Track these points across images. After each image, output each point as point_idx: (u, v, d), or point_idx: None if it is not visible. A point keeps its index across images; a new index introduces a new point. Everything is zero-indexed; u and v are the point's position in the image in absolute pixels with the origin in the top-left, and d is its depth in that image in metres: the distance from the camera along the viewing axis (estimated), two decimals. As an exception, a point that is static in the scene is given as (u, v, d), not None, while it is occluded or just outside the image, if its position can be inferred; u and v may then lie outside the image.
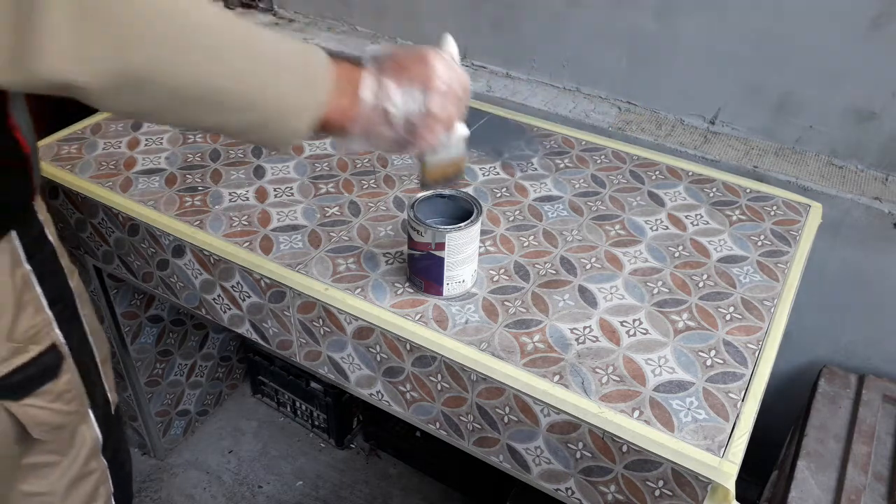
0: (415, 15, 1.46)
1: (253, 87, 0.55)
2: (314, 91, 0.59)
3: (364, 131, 0.63)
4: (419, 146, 0.66)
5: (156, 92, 0.51)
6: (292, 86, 0.57)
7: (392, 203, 1.03)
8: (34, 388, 0.78)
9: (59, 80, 0.48)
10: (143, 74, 0.50)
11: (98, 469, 0.91)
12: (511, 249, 0.95)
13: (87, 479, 0.90)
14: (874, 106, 1.08)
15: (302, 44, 0.59)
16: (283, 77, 0.57)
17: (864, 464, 0.99)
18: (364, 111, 0.61)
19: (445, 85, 0.64)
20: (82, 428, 0.87)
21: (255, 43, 0.56)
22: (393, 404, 0.91)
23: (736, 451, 0.70)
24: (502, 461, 0.84)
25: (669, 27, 1.18)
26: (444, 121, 0.66)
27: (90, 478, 0.90)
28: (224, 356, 1.62)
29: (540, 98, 1.33)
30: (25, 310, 0.76)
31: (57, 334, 0.80)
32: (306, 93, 0.58)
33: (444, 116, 0.65)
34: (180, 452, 1.58)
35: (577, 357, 0.79)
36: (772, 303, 0.88)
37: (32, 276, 0.76)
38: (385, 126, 0.63)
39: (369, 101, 0.61)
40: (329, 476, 1.53)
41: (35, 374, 0.78)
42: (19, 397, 0.77)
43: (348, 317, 0.86)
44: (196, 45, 0.52)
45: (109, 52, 0.48)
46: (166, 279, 1.05)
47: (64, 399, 0.82)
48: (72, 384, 0.82)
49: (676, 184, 1.09)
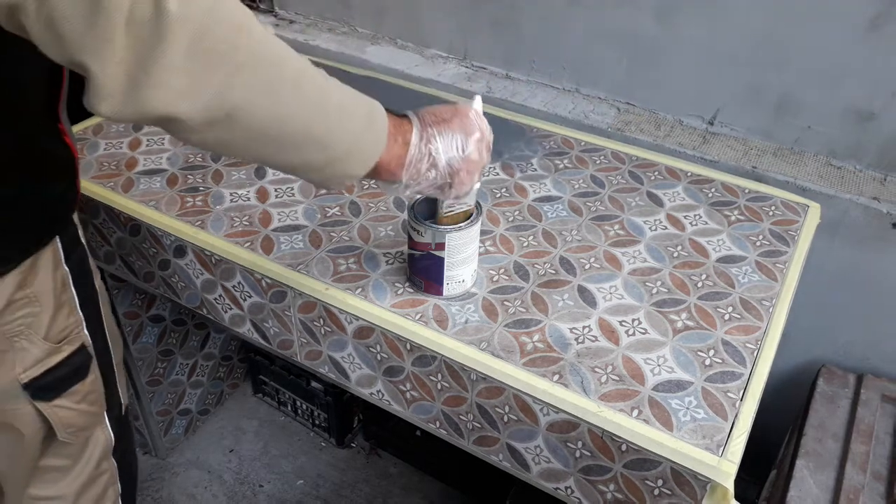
0: (415, 16, 1.46)
1: (326, 130, 0.61)
2: (375, 137, 0.65)
3: (411, 175, 0.69)
4: (457, 188, 0.73)
5: (244, 129, 0.56)
6: (358, 132, 0.63)
7: (392, 203, 1.03)
8: (65, 388, 0.79)
9: (165, 114, 0.51)
10: (239, 113, 0.54)
11: (108, 470, 0.92)
12: (511, 249, 0.95)
13: (98, 480, 0.90)
14: (873, 106, 1.08)
15: (365, 96, 0.65)
16: (352, 124, 0.63)
17: (862, 463, 1.00)
18: (412, 156, 0.68)
19: (480, 133, 0.72)
20: (97, 431, 0.88)
21: (331, 91, 0.62)
22: (393, 403, 0.91)
23: (734, 451, 0.70)
24: (502, 460, 0.84)
25: (669, 28, 1.18)
26: (479, 164, 0.73)
27: (101, 479, 0.91)
28: (225, 356, 1.62)
29: (539, 99, 1.33)
30: (62, 310, 0.77)
31: (85, 335, 0.81)
32: (369, 138, 0.64)
33: (480, 161, 0.73)
34: (181, 452, 1.58)
35: (576, 357, 0.80)
36: (770, 303, 0.88)
37: (69, 277, 0.78)
38: (430, 169, 0.70)
39: (417, 146, 0.68)
40: (330, 475, 1.54)
41: (66, 374, 0.79)
42: (51, 398, 0.78)
43: (349, 316, 0.87)
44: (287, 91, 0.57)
45: (215, 90, 0.52)
46: (168, 279, 1.05)
47: (88, 400, 0.83)
48: (96, 385, 0.84)
49: (675, 184, 1.10)
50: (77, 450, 0.86)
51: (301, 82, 0.58)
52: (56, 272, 0.76)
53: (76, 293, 0.79)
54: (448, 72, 1.42)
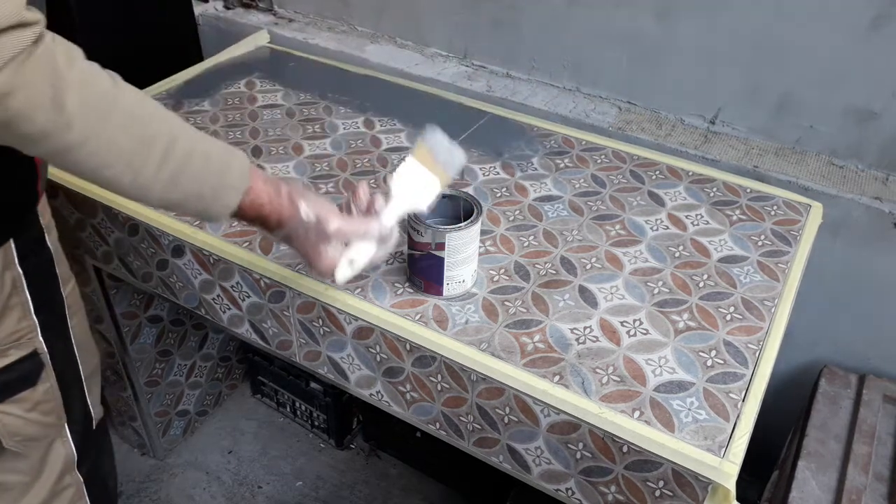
0: (414, 14, 1.45)
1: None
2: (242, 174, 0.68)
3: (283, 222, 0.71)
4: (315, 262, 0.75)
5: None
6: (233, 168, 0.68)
7: (392, 203, 1.03)
8: (10, 394, 0.76)
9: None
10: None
11: (73, 485, 0.89)
12: (511, 249, 0.95)
13: (62, 496, 0.87)
14: (874, 106, 1.08)
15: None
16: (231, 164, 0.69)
17: (864, 464, 0.99)
18: (285, 201, 0.71)
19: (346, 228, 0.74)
20: (56, 444, 0.85)
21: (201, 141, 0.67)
22: (393, 404, 0.90)
23: (736, 452, 0.70)
24: (502, 461, 0.84)
25: (669, 27, 1.18)
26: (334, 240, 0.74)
27: (64, 494, 0.88)
28: (223, 356, 1.62)
29: (540, 98, 1.33)
30: (11, 313, 0.75)
31: (40, 342, 0.78)
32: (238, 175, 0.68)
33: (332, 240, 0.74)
34: (180, 453, 1.57)
35: (577, 357, 0.79)
36: (772, 303, 0.87)
37: (23, 280, 0.75)
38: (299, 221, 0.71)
39: (287, 195, 0.71)
40: (329, 476, 1.53)
41: (12, 380, 0.76)
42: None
43: (348, 317, 0.86)
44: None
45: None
46: (166, 279, 1.05)
47: (41, 410, 0.80)
48: (50, 395, 0.81)
49: (677, 184, 1.09)
50: (35, 465, 0.83)
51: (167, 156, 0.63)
52: (5, 273, 0.73)
53: (31, 297, 0.76)
54: (448, 71, 1.42)
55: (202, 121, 1.22)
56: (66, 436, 0.86)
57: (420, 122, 1.22)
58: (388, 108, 1.27)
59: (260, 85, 1.35)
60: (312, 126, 1.22)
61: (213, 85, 1.33)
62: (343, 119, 1.24)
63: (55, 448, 0.85)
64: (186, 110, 1.26)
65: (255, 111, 1.26)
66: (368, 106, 1.28)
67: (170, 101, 1.28)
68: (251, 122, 1.23)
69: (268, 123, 1.22)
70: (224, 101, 1.29)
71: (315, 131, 1.21)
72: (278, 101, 1.30)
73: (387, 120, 1.24)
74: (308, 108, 1.28)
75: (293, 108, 1.28)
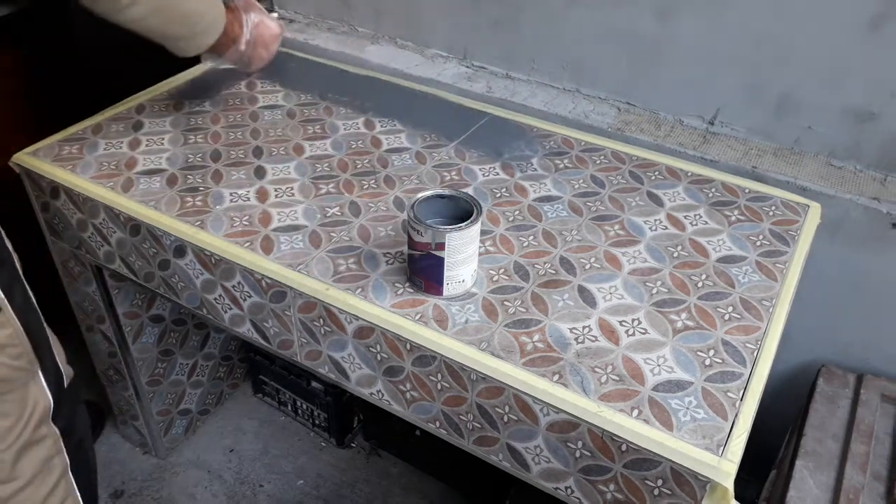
0: (415, 15, 1.46)
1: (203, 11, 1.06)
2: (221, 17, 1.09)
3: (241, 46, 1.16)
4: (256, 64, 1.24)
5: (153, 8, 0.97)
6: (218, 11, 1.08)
7: (392, 203, 1.03)
8: None
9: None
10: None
11: (49, 436, 0.92)
12: (511, 249, 0.95)
13: (38, 446, 0.91)
14: (873, 106, 1.08)
15: None
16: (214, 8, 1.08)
17: (862, 463, 1.00)
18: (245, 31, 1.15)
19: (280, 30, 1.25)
20: (33, 389, 0.89)
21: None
22: (393, 403, 0.91)
23: (735, 451, 0.70)
24: (502, 460, 0.84)
25: (669, 27, 1.18)
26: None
27: (41, 445, 0.91)
28: (225, 356, 1.62)
29: (540, 99, 1.33)
30: None
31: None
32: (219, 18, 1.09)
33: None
34: (181, 451, 1.58)
35: (576, 356, 0.80)
36: (770, 303, 0.88)
37: None
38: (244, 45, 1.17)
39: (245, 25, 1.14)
40: (330, 475, 1.54)
41: None
42: None
43: (349, 316, 0.87)
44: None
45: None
46: (167, 279, 1.05)
47: (8, 354, 0.84)
48: (16, 339, 0.85)
49: (675, 184, 1.10)
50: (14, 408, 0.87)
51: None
52: None
53: None
54: (448, 71, 1.42)
55: (203, 121, 1.23)
56: (40, 382, 0.90)
57: (420, 122, 1.23)
58: (388, 108, 1.27)
59: (261, 85, 1.35)
60: (313, 127, 1.23)
61: (214, 85, 1.34)
62: (343, 120, 1.25)
63: (31, 391, 0.89)
64: (187, 110, 1.26)
65: (256, 112, 1.27)
66: (369, 106, 1.28)
67: (171, 101, 1.28)
68: (252, 122, 1.23)
69: (268, 124, 1.23)
70: (225, 101, 1.29)
71: (315, 132, 1.21)
72: (279, 101, 1.30)
73: (387, 121, 1.24)
74: (308, 109, 1.28)
75: (294, 108, 1.28)
